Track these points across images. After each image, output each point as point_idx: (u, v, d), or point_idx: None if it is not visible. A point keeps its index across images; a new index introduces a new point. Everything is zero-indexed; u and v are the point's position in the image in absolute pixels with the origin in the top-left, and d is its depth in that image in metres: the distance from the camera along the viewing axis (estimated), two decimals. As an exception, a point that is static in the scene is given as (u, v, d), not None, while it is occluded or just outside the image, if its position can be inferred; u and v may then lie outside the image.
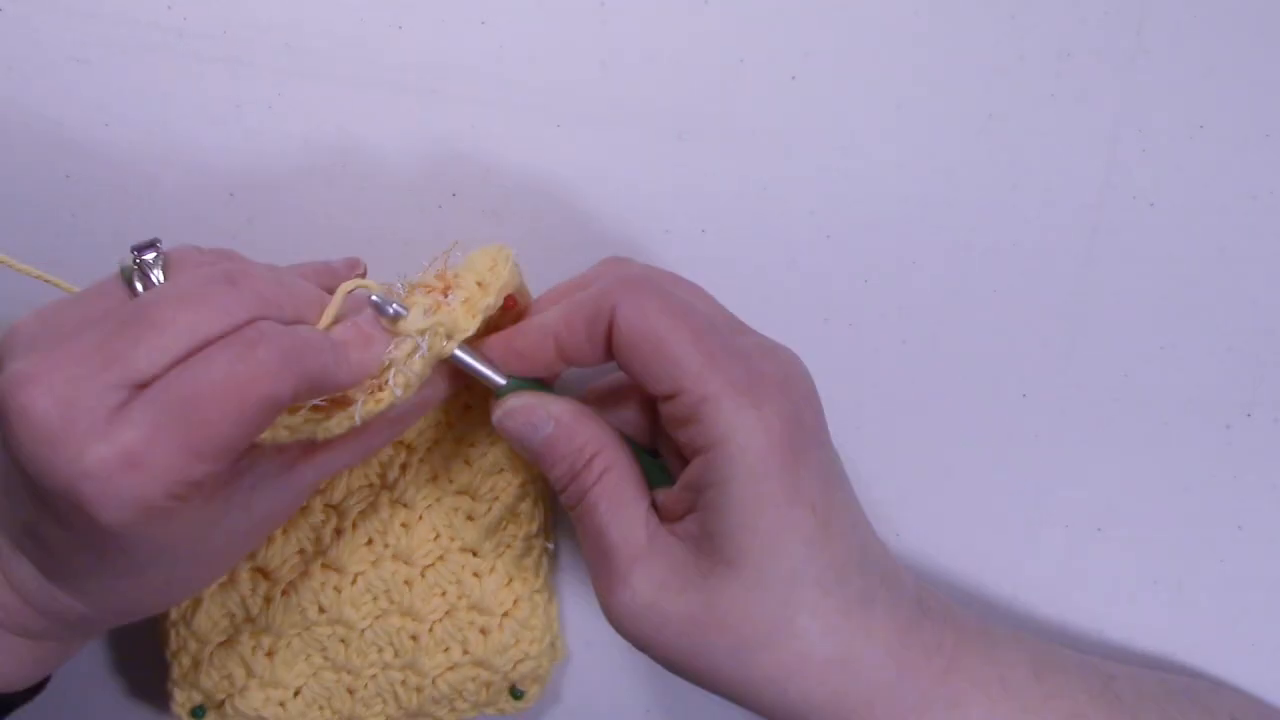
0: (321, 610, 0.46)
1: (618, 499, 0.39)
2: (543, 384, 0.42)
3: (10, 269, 0.40)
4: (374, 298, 0.38)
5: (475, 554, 0.47)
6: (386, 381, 0.38)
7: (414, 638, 0.47)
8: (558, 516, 0.50)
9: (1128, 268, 0.47)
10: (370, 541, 0.46)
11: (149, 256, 0.38)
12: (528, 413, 0.40)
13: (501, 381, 0.41)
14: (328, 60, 0.47)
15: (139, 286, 0.37)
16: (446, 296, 0.40)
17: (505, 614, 0.47)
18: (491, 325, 0.42)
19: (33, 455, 0.33)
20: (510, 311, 0.43)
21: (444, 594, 0.47)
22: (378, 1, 0.47)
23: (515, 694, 0.48)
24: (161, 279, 0.37)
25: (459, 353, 0.40)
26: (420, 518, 0.46)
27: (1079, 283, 0.47)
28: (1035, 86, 0.46)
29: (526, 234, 0.48)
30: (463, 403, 0.46)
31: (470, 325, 0.40)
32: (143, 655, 0.51)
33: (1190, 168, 0.47)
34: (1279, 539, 0.48)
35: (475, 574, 0.47)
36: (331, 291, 0.39)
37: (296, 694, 0.47)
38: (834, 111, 0.47)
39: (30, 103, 0.47)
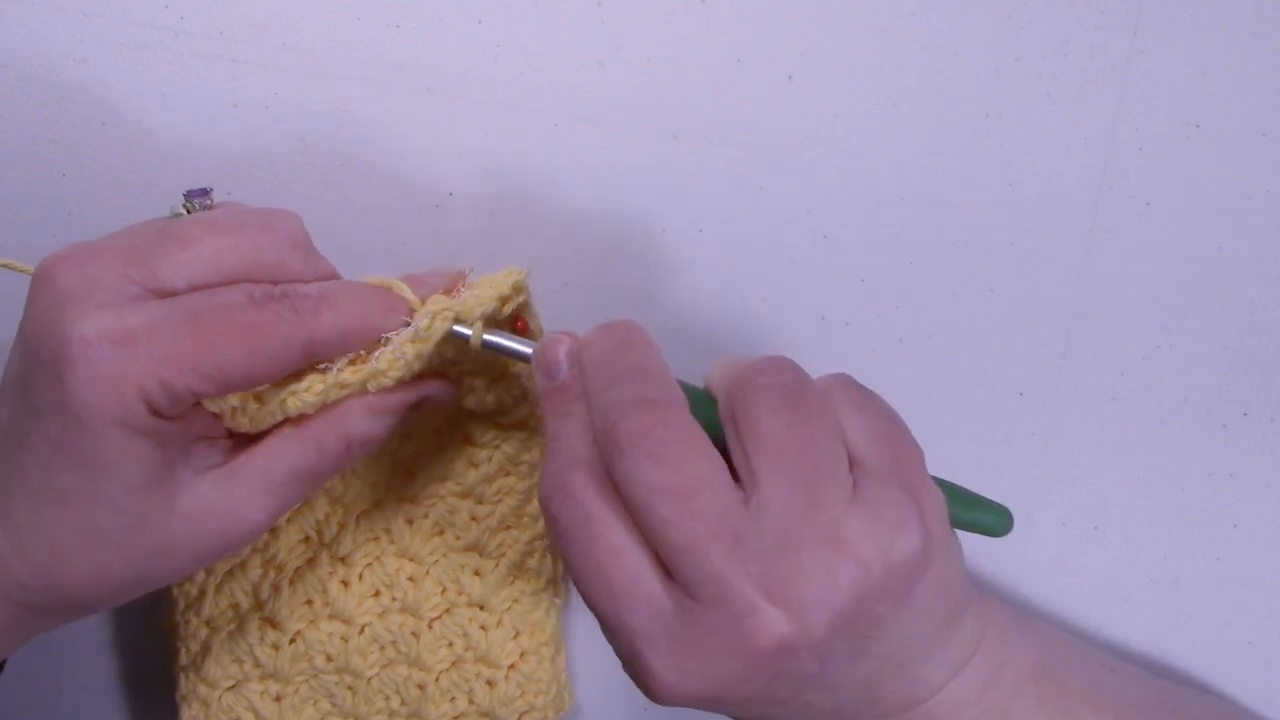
0: (329, 659, 0.46)
1: None
2: None
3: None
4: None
5: (483, 608, 0.47)
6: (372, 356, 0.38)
7: (420, 687, 0.47)
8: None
9: (1124, 267, 0.47)
10: (378, 593, 0.46)
11: (197, 201, 0.39)
12: None
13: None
14: (325, 60, 0.47)
15: None
16: (456, 293, 0.40)
17: (511, 666, 0.47)
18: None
19: (42, 318, 0.35)
20: (522, 333, 0.43)
21: (451, 645, 0.47)
22: (375, 1, 0.47)
23: None
24: None
25: (489, 337, 0.39)
26: (427, 573, 0.46)
27: (1076, 282, 0.48)
28: (1032, 86, 0.46)
29: (523, 233, 0.48)
30: (468, 460, 0.46)
31: (479, 306, 0.39)
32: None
33: (1186, 167, 0.47)
34: (1275, 537, 0.48)
35: (482, 627, 0.47)
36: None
37: None
38: (831, 111, 0.47)
39: (28, 101, 0.47)
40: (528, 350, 0.39)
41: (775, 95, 0.47)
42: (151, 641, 0.49)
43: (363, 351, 0.39)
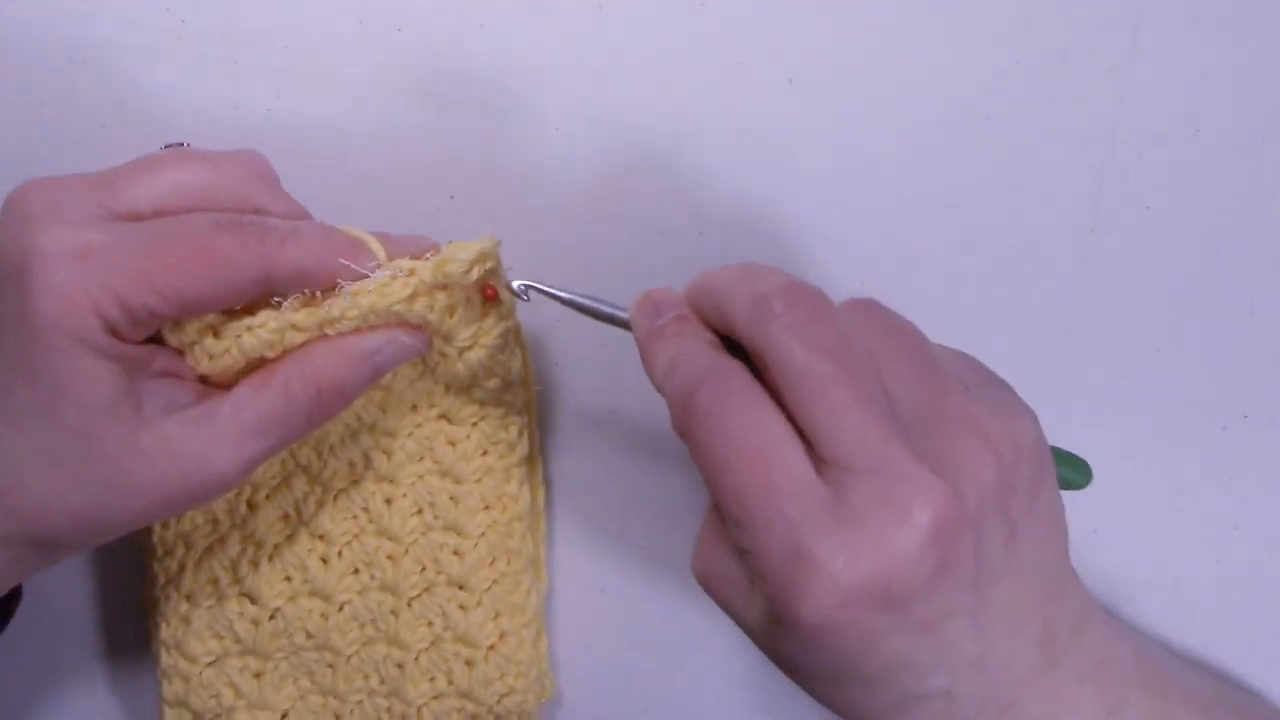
0: (309, 636, 0.46)
1: None
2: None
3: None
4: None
5: (462, 588, 0.47)
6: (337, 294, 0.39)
7: (399, 666, 0.47)
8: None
9: (1125, 269, 0.47)
10: (357, 571, 0.46)
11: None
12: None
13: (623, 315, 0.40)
14: (326, 62, 0.47)
15: None
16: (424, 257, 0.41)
17: (491, 647, 0.47)
18: (473, 313, 0.42)
19: (8, 237, 0.36)
20: (489, 302, 0.43)
21: (430, 625, 0.47)
22: (377, 4, 0.47)
23: None
24: None
25: (565, 294, 0.40)
26: (406, 551, 0.46)
27: (1076, 284, 0.48)
28: (1032, 89, 0.47)
29: (523, 236, 0.48)
30: (446, 439, 0.46)
31: (444, 270, 0.40)
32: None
33: (1187, 170, 0.47)
34: (1275, 540, 0.48)
35: (461, 607, 0.47)
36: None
37: (284, 717, 0.47)
38: (831, 113, 0.47)
39: (29, 103, 0.47)
40: (617, 313, 0.39)
41: (775, 98, 0.47)
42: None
43: (319, 294, 0.39)
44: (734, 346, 0.36)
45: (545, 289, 0.40)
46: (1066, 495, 0.49)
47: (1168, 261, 0.47)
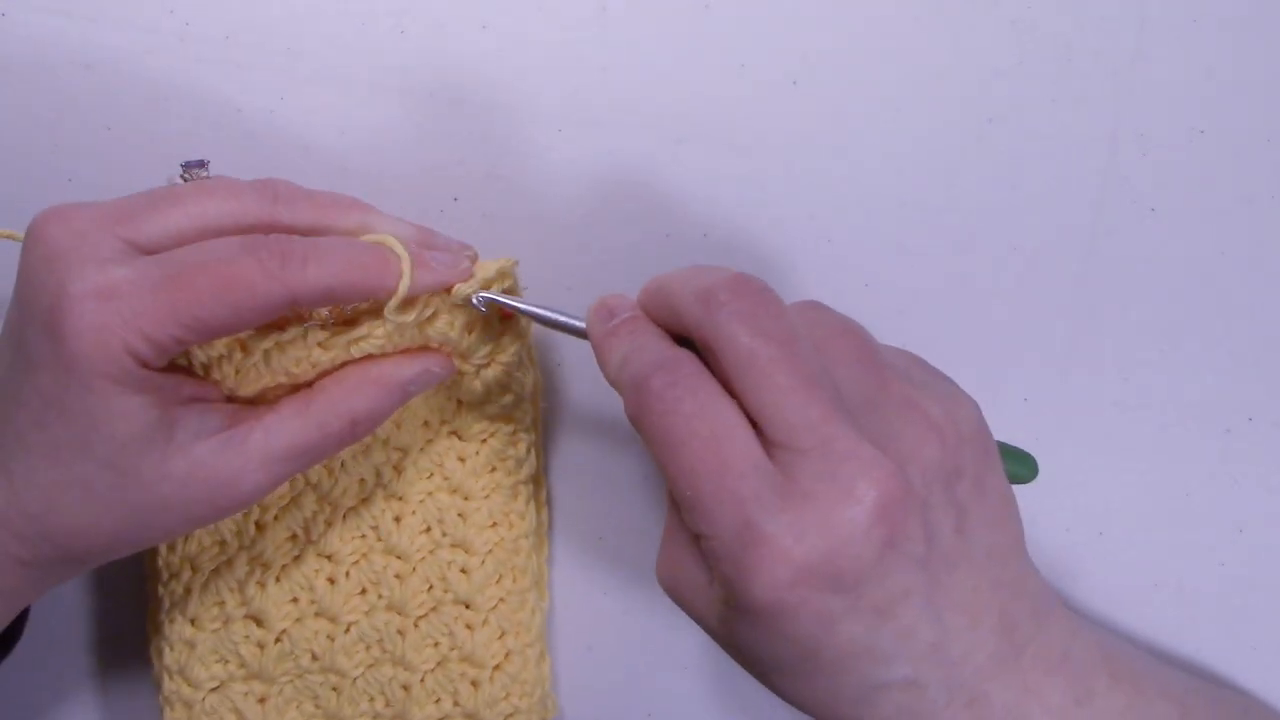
0: (314, 658, 0.46)
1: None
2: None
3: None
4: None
5: (468, 606, 0.47)
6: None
7: (405, 688, 0.47)
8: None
9: (1128, 272, 0.47)
10: (364, 591, 0.46)
11: (194, 171, 0.41)
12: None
13: (581, 324, 0.40)
14: (329, 64, 0.47)
15: None
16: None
17: (496, 667, 0.47)
18: (490, 331, 0.42)
19: (33, 273, 0.36)
20: (507, 320, 0.43)
21: (436, 645, 0.47)
22: (380, 6, 0.47)
23: None
24: None
25: (529, 306, 0.40)
26: (414, 570, 0.46)
27: (1079, 287, 0.48)
28: (1035, 90, 0.47)
29: (527, 238, 0.48)
30: (455, 455, 0.47)
31: (466, 290, 0.40)
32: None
33: (1190, 172, 0.47)
34: (1279, 542, 0.48)
35: (468, 626, 0.47)
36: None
37: None
38: (834, 116, 0.47)
39: (32, 106, 0.47)
40: (574, 322, 0.40)
41: (779, 100, 0.47)
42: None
43: (346, 309, 0.39)
44: (686, 348, 0.37)
45: (501, 300, 0.41)
46: (1071, 497, 0.49)
47: (1171, 263, 0.47)
